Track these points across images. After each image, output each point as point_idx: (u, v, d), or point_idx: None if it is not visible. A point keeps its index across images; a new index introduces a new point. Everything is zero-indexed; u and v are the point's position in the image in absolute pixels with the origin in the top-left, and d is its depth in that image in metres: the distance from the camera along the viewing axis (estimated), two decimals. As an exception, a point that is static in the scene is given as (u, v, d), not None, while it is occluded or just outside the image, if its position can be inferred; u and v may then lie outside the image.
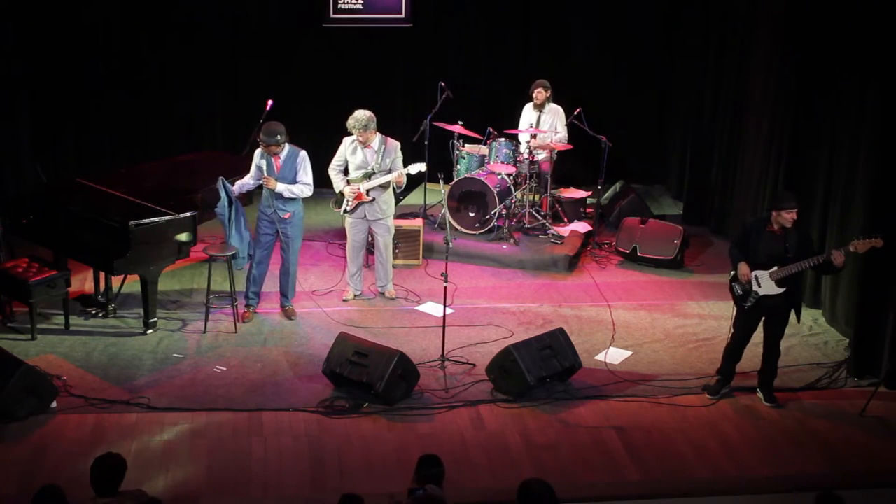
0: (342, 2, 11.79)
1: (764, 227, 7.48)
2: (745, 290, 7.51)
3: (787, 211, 7.32)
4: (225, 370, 8.01)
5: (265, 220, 8.71)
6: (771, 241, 7.42)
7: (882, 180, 7.98)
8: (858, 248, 7.20)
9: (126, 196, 8.72)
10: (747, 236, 7.58)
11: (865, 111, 8.30)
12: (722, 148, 11.02)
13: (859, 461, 7.09)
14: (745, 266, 7.47)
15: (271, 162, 8.55)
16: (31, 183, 10.52)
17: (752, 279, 7.45)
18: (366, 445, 7.08)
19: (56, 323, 8.62)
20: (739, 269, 7.50)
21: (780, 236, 7.39)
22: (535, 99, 10.77)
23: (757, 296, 7.47)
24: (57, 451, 6.80)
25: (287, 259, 8.83)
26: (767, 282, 7.41)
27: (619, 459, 7.02)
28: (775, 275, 7.36)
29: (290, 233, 8.71)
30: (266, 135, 8.44)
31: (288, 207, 8.64)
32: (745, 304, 7.54)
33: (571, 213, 11.05)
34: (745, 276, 7.47)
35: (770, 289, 7.42)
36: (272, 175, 8.53)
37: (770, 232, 7.42)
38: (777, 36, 9.66)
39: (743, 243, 7.60)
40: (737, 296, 7.61)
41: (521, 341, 7.90)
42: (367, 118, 8.73)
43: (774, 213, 7.37)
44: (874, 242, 7.16)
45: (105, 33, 11.25)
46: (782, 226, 7.36)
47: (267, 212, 8.66)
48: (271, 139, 8.42)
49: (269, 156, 8.55)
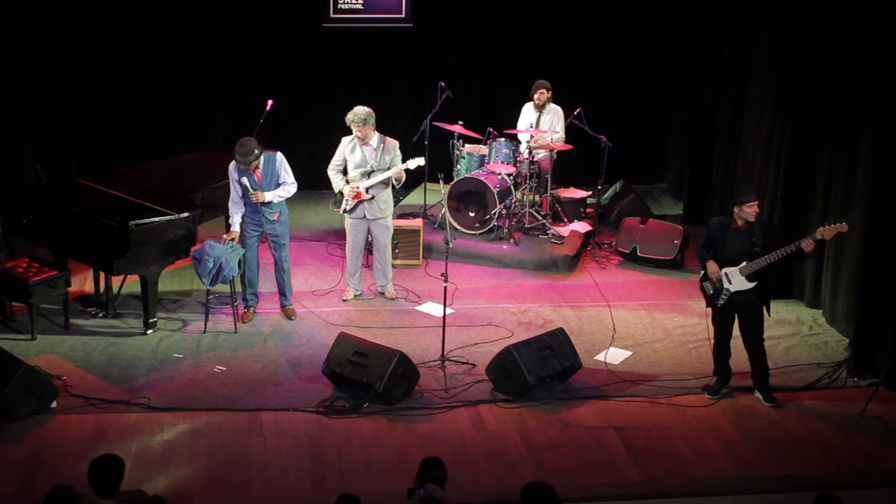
0: (342, 2, 11.78)
1: (728, 224, 7.55)
2: (717, 289, 7.57)
3: (748, 204, 7.40)
4: (225, 370, 8.01)
5: (251, 224, 8.65)
6: (736, 237, 7.48)
7: (882, 180, 7.99)
8: (825, 234, 7.25)
9: (126, 196, 8.73)
10: (713, 236, 7.65)
11: (866, 111, 8.31)
12: (722, 148, 11.01)
13: (859, 461, 7.09)
14: (714, 264, 7.54)
15: (252, 175, 8.46)
16: (31, 183, 10.51)
17: (723, 276, 7.49)
18: (366, 445, 7.08)
19: (56, 323, 8.62)
20: (709, 268, 7.57)
21: (745, 231, 7.46)
22: (536, 100, 10.76)
23: (728, 293, 7.52)
24: (57, 451, 6.80)
25: (280, 257, 8.80)
26: (738, 278, 7.46)
27: (619, 459, 7.02)
28: (745, 269, 7.42)
29: (279, 231, 8.71)
30: (242, 155, 8.32)
31: (275, 209, 8.63)
32: (718, 302, 7.60)
33: (571, 213, 11.05)
34: (715, 273, 7.52)
35: (741, 284, 7.47)
36: (258, 188, 8.46)
37: (735, 229, 7.50)
38: (777, 35, 9.64)
39: (709, 243, 7.68)
40: (708, 295, 7.67)
41: (521, 341, 7.90)
42: (365, 113, 8.74)
43: (737, 209, 7.46)
44: (839, 227, 7.22)
45: (105, 33, 11.24)
46: (746, 220, 7.43)
47: (255, 217, 8.60)
48: (249, 157, 8.32)
49: (241, 171, 8.45)
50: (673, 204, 12.21)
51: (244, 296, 8.90)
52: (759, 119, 10.08)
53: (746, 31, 10.43)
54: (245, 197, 8.52)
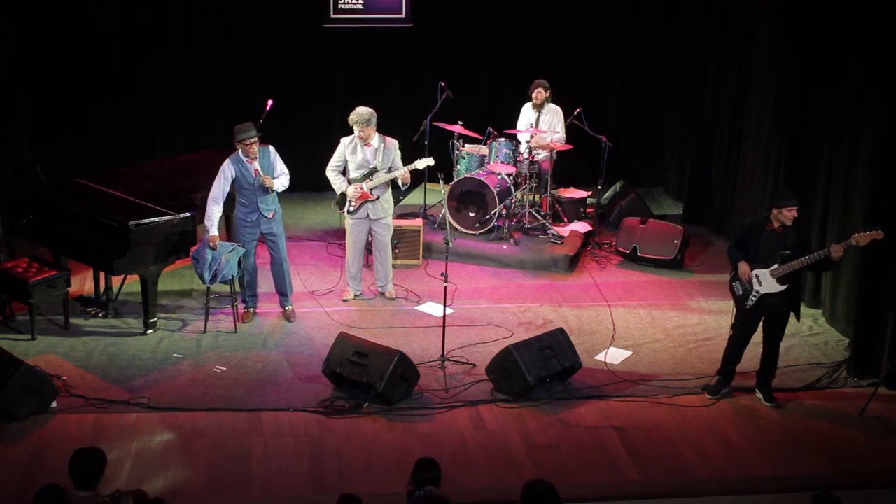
0: (342, 2, 11.78)
1: (764, 225, 7.47)
2: (746, 290, 7.50)
3: (789, 209, 7.32)
4: (225, 370, 8.01)
5: (247, 227, 8.61)
6: (771, 239, 7.41)
7: (882, 180, 7.98)
8: (860, 241, 7.17)
9: (126, 196, 8.72)
10: (747, 235, 7.57)
11: (866, 110, 8.30)
12: (722, 148, 11.02)
13: (859, 461, 7.09)
14: (746, 265, 7.46)
15: (247, 168, 8.41)
16: (31, 183, 10.51)
17: (753, 278, 7.45)
18: (366, 445, 7.08)
19: (56, 323, 8.62)
20: (740, 269, 7.49)
21: (780, 234, 7.38)
22: (534, 99, 10.76)
23: (758, 294, 7.46)
24: (57, 451, 6.78)
25: (279, 256, 8.77)
26: (768, 280, 7.40)
27: (619, 459, 7.02)
28: (776, 272, 7.35)
29: (276, 230, 8.69)
30: (244, 131, 8.30)
31: (271, 206, 8.62)
32: (747, 303, 7.53)
33: (571, 213, 11.05)
34: (746, 274, 7.46)
35: (771, 287, 7.41)
36: (266, 175, 8.42)
37: (770, 230, 7.42)
38: (777, 35, 9.65)
39: (742, 242, 7.59)
40: (737, 295, 7.60)
41: (521, 341, 7.90)
42: (369, 113, 8.74)
43: (775, 211, 7.37)
44: (875, 235, 7.15)
45: (105, 33, 11.23)
46: (783, 224, 7.36)
47: (251, 218, 8.56)
48: (251, 132, 8.31)
49: (242, 164, 8.40)
50: (673, 204, 12.21)
51: (244, 297, 8.89)
52: (759, 119, 10.09)
53: (746, 31, 10.44)
54: (243, 195, 8.49)
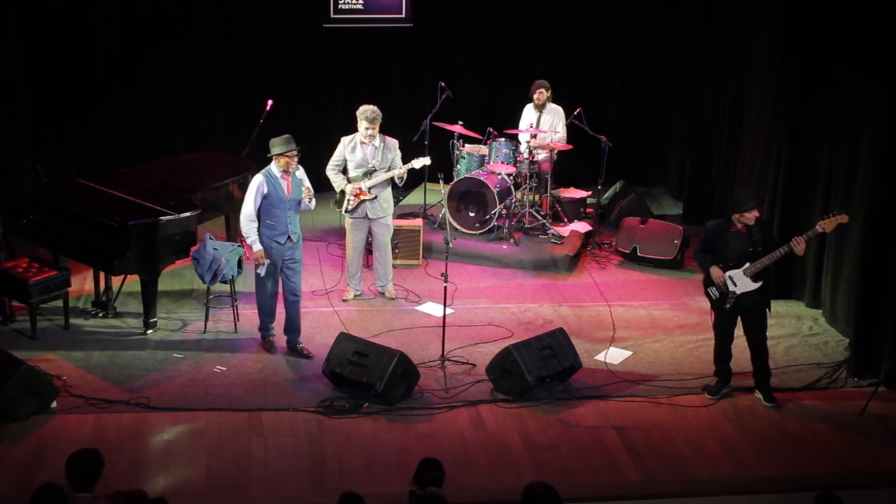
0: (342, 2, 11.78)
1: (727, 227, 7.52)
2: (723, 292, 7.55)
3: (749, 212, 7.38)
4: (225, 370, 8.01)
5: (275, 252, 8.00)
6: (737, 239, 7.47)
7: (882, 180, 7.98)
8: (826, 227, 7.25)
9: (126, 196, 8.72)
10: (712, 239, 7.61)
11: (865, 110, 8.30)
12: (722, 148, 11.01)
13: (859, 461, 7.09)
14: (718, 269, 7.52)
15: (281, 184, 7.89)
16: (31, 183, 10.51)
17: (727, 279, 7.48)
18: (366, 445, 7.08)
19: (56, 323, 8.62)
20: (713, 273, 7.54)
21: (745, 234, 7.45)
22: (535, 99, 10.77)
23: (735, 295, 7.50)
24: (57, 451, 6.77)
25: (297, 286, 8.18)
26: (742, 279, 7.46)
27: (619, 459, 7.02)
28: (749, 270, 7.41)
29: (298, 256, 8.15)
30: (284, 144, 7.79)
31: (298, 230, 8.12)
32: (725, 305, 7.57)
33: (571, 213, 11.05)
34: (720, 278, 7.51)
35: (746, 285, 7.47)
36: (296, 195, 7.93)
37: (734, 232, 7.48)
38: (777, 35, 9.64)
39: (708, 246, 7.64)
40: (715, 299, 7.64)
41: (521, 341, 7.90)
42: (377, 111, 8.77)
43: (737, 216, 7.42)
44: (840, 219, 7.22)
45: (105, 33, 11.23)
46: (746, 224, 7.42)
47: (281, 240, 7.98)
48: (291, 146, 7.80)
49: (276, 181, 7.87)
50: (673, 204, 12.20)
51: (265, 327, 8.38)
52: (759, 119, 10.07)
53: (746, 31, 10.43)
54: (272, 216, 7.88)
